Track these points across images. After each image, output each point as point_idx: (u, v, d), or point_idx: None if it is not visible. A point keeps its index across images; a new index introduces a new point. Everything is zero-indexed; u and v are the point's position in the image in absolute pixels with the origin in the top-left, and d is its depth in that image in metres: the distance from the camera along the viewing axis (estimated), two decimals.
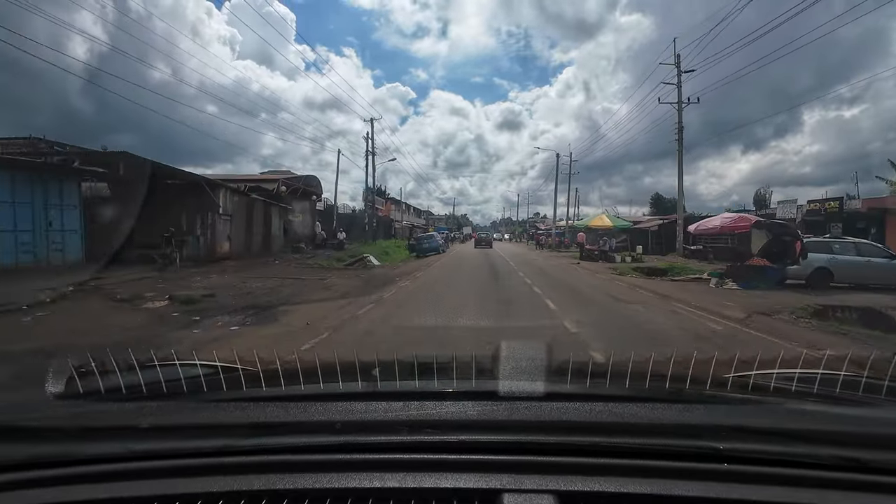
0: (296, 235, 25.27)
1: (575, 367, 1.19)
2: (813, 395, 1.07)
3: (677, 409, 0.95)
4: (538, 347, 1.33)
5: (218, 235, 17.13)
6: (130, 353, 1.22)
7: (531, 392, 0.98)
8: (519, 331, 6.40)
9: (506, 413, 0.91)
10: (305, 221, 27.63)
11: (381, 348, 4.71)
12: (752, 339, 6.10)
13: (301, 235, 26.03)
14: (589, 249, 24.34)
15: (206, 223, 16.83)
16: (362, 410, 0.94)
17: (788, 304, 8.79)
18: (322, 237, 27.63)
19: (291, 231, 24.97)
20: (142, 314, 7.34)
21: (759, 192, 45.67)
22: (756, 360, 1.33)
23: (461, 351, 1.39)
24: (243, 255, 18.51)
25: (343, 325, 6.54)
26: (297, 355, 1.56)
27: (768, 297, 9.93)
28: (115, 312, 7.46)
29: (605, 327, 6.68)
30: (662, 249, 26.35)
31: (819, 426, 0.89)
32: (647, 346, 5.40)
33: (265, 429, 0.88)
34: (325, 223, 30.61)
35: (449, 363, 1.24)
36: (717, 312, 7.98)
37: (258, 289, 10.35)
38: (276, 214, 22.56)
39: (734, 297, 10.26)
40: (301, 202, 26.96)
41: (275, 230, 22.42)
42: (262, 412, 0.94)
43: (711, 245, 25.13)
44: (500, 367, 1.14)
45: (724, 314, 7.83)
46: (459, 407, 0.92)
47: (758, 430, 0.87)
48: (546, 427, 0.86)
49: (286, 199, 24.06)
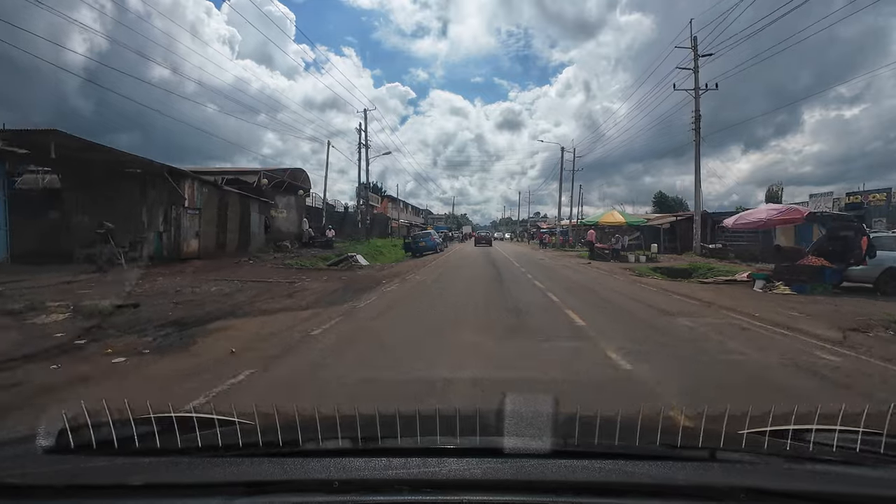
0: (279, 233, 22.81)
1: (582, 421, 1.11)
2: (832, 454, 1.01)
3: (691, 468, 0.92)
4: (545, 400, 1.29)
5: (184, 232, 15.07)
6: (126, 405, 1.15)
7: (537, 449, 0.95)
8: (541, 369, 4.11)
9: (511, 472, 0.88)
10: (291, 218, 25.07)
11: (324, 403, 2.70)
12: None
13: (286, 233, 23.59)
14: (599, 248, 22.45)
15: (170, 218, 14.75)
16: (362, 468, 0.91)
17: (871, 314, 7.29)
18: (309, 235, 24.94)
19: (274, 228, 22.44)
20: (14, 333, 5.31)
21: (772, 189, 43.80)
22: (770, 415, 1.20)
23: (462, 402, 1.37)
24: (215, 254, 16.39)
25: (285, 355, 4.49)
26: (295, 407, 1.26)
27: (839, 305, 8.29)
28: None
29: (665, 358, 4.53)
30: (677, 248, 24.37)
31: (842, 488, 0.86)
32: (757, 395, 3.40)
33: (260, 487, 0.86)
34: (314, 220, 28.25)
35: (452, 417, 1.13)
36: (800, 329, 6.10)
37: (206, 295, 8.33)
38: (256, 209, 20.01)
39: (793, 304, 8.39)
40: (286, 197, 24.52)
41: (254, 227, 19.87)
42: (258, 469, 0.93)
43: (732, 243, 22.98)
44: (506, 422, 1.09)
45: (811, 332, 5.92)
46: (462, 465, 0.90)
47: (777, 493, 0.83)
48: (553, 487, 0.83)
49: (268, 193, 21.62)
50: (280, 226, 23.47)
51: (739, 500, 0.78)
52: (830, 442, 1.04)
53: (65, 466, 0.94)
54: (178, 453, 1.00)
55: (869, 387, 3.77)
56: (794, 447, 1.06)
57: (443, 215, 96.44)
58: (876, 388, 3.76)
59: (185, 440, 1.03)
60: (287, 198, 24.68)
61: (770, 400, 2.98)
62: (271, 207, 22.01)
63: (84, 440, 0.99)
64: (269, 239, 21.00)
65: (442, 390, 3.42)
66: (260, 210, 20.57)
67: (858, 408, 1.27)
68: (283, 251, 20.16)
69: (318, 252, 20.56)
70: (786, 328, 6.13)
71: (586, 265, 18.36)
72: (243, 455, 1.00)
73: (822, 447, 1.04)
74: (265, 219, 20.92)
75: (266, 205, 21.16)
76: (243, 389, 3.46)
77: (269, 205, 21.51)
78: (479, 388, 3.47)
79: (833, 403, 1.44)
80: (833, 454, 1.00)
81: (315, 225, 26.90)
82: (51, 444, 0.99)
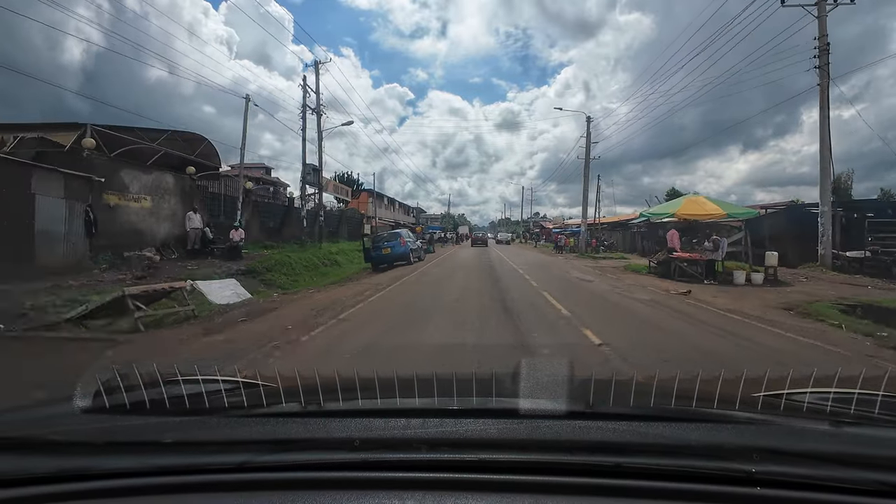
0: (134, 235, 13.21)
1: (598, 384, 1.14)
2: (849, 416, 1.01)
3: (704, 429, 0.91)
4: (560, 364, 1.29)
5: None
6: (155, 368, 1.21)
7: (553, 410, 0.96)
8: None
9: (527, 432, 0.89)
10: (163, 209, 14.64)
11: None
12: None
13: (153, 234, 14.03)
14: (681, 260, 13.15)
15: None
16: (381, 427, 0.92)
17: None
18: (201, 237, 15.16)
19: (118, 225, 12.63)
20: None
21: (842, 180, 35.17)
22: (788, 379, 1.20)
23: (481, 368, 1.40)
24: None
25: None
26: (316, 371, 1.29)
27: None
28: None
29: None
30: (787, 256, 14.13)
31: (858, 449, 0.86)
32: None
33: (285, 445, 0.88)
34: (227, 214, 18.40)
35: (469, 380, 1.18)
36: None
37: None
38: (56, 190, 10.47)
39: None
40: (152, 175, 14.35)
41: (45, 223, 10.10)
42: (282, 428, 0.95)
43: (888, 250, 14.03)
44: (521, 385, 1.12)
45: None
46: (479, 425, 0.90)
47: (791, 453, 0.82)
48: (568, 447, 0.84)
49: (99, 164, 12.08)
50: (139, 221, 13.58)
51: (752, 460, 0.78)
52: (849, 406, 1.03)
53: (102, 425, 0.99)
54: (206, 413, 1.06)
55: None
56: (810, 409, 1.06)
57: (438, 215, 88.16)
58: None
59: (212, 401, 1.09)
60: (155, 177, 14.41)
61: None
62: (104, 189, 12.04)
63: (118, 401, 1.04)
64: (100, 245, 11.49)
65: None
66: (71, 192, 10.80)
67: (880, 371, 1.24)
68: (113, 268, 11.22)
69: (195, 268, 11.78)
70: None
71: (672, 293, 10.09)
72: (268, 415, 1.04)
73: (839, 410, 1.03)
74: (87, 208, 11.04)
75: (86, 184, 11.20)
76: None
77: (92, 183, 11.35)
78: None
79: (856, 369, 1.23)
80: (850, 417, 1.00)
81: (229, 222, 17.20)
82: (87, 404, 1.05)
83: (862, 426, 0.98)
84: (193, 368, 1.18)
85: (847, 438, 0.92)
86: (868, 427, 0.99)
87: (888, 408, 1.03)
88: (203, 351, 5.43)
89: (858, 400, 1.06)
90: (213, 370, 1.40)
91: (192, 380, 1.18)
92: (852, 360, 4.88)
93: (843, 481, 0.75)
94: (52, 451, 0.89)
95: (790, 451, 0.82)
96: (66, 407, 1.06)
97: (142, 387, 1.11)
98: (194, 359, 5.01)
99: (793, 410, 1.07)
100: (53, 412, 1.12)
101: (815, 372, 1.21)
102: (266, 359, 4.89)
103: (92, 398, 1.06)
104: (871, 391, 1.09)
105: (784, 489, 0.74)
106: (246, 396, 1.13)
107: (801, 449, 0.84)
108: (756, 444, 0.83)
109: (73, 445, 0.92)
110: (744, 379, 1.16)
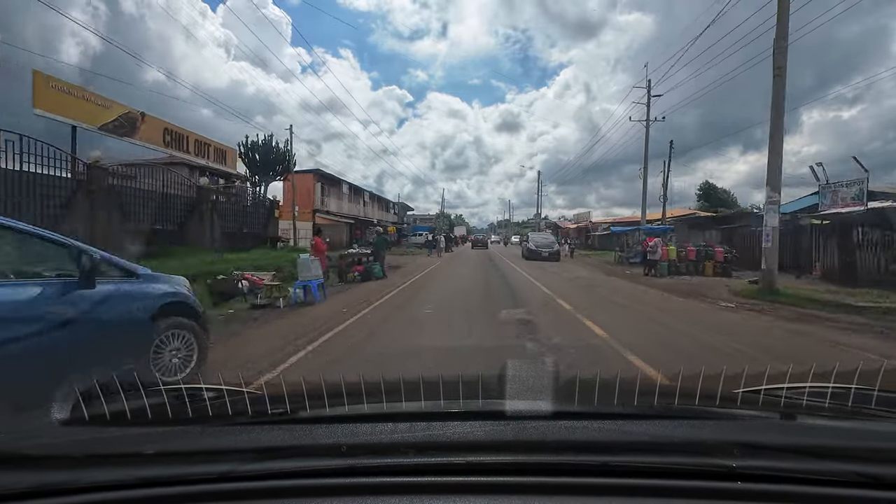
0: None
1: (582, 384, 1.13)
2: (825, 410, 1.05)
3: (687, 426, 0.94)
4: (545, 364, 1.38)
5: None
6: (136, 378, 1.20)
7: (538, 411, 0.97)
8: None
9: (513, 433, 0.90)
10: None
11: None
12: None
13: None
14: None
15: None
16: (368, 433, 0.92)
17: None
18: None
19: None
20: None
21: None
22: (765, 375, 1.26)
23: (467, 371, 1.30)
24: None
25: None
26: (302, 378, 1.27)
27: None
28: None
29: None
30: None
31: (835, 442, 0.88)
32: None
33: (270, 453, 0.87)
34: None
35: (455, 383, 1.18)
36: None
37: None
38: None
39: None
40: None
41: None
42: (268, 436, 0.95)
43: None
44: (508, 386, 1.12)
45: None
46: (466, 427, 0.90)
47: (771, 447, 0.84)
48: (554, 447, 0.85)
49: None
50: None
51: (733, 455, 0.79)
52: (824, 399, 1.07)
53: (81, 437, 0.98)
54: (189, 422, 1.05)
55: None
56: (787, 404, 1.10)
57: (431, 215, 77.27)
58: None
59: (195, 410, 1.07)
60: None
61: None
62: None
63: (98, 412, 1.02)
64: None
65: None
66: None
67: (852, 366, 1.28)
68: None
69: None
70: None
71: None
72: (253, 423, 1.02)
73: (815, 404, 1.07)
74: None
75: None
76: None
77: None
78: None
79: (830, 364, 1.33)
80: (825, 410, 1.04)
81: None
82: (66, 416, 1.03)
83: (838, 419, 1.01)
84: (177, 379, 1.11)
85: (824, 431, 0.94)
86: (843, 420, 1.02)
87: (861, 400, 1.06)
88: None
89: (833, 394, 1.09)
90: (199, 378, 1.35)
91: (175, 388, 1.17)
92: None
93: (822, 473, 0.77)
94: (31, 465, 0.87)
95: (769, 446, 0.84)
96: (44, 419, 1.04)
97: (122, 397, 1.09)
98: None
99: (771, 405, 1.10)
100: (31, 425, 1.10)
101: (790, 368, 1.26)
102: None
103: (71, 410, 1.04)
104: (844, 385, 1.13)
105: (764, 483, 0.76)
106: (230, 404, 1.12)
107: (780, 443, 0.86)
108: (736, 440, 0.85)
109: (53, 459, 0.90)
110: (724, 376, 1.18)
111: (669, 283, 13.24)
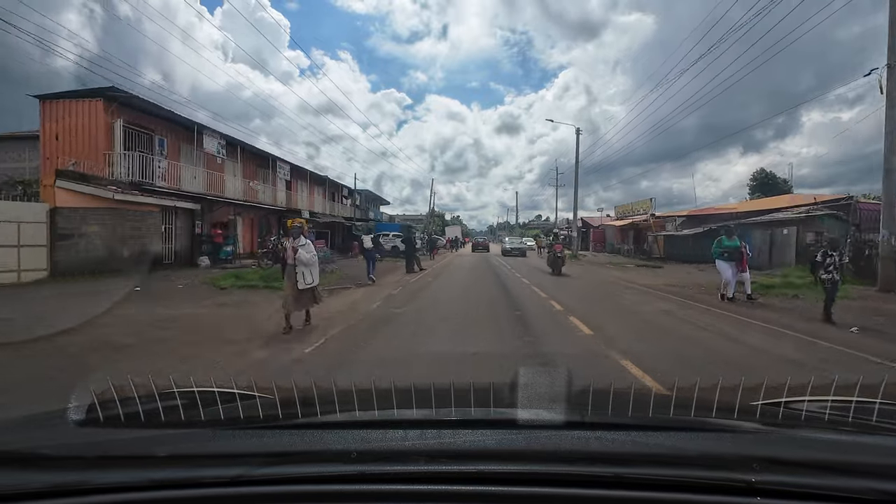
0: None
1: (596, 394, 1.12)
2: (848, 425, 1.02)
3: (704, 439, 0.92)
4: (558, 373, 1.29)
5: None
6: (150, 380, 1.21)
7: (551, 421, 0.96)
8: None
9: (525, 442, 0.89)
10: None
11: None
12: None
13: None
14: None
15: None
16: (379, 439, 0.93)
17: None
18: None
19: None
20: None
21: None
22: (786, 387, 1.23)
23: (479, 379, 1.23)
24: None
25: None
26: (313, 382, 1.24)
27: None
28: None
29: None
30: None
31: (857, 458, 0.86)
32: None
33: (280, 458, 0.88)
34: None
35: (467, 391, 1.16)
36: None
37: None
38: None
39: None
40: None
41: None
42: (279, 441, 0.95)
43: None
44: (519, 395, 1.11)
45: None
46: (477, 436, 0.91)
47: (791, 462, 0.82)
48: (566, 457, 0.84)
49: None
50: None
51: (752, 470, 0.78)
52: (846, 413, 1.04)
53: (95, 439, 0.99)
54: (201, 426, 1.05)
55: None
56: (808, 417, 1.06)
57: (420, 215, 63.83)
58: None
59: (207, 413, 1.08)
60: None
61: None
62: None
63: (112, 414, 1.04)
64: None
65: None
66: None
67: (877, 379, 1.25)
68: None
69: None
70: None
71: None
72: (264, 427, 1.03)
73: (837, 418, 1.04)
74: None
75: None
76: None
77: None
78: None
79: (853, 376, 1.30)
80: (848, 425, 1.01)
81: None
82: (81, 417, 1.05)
83: (861, 434, 0.98)
84: (190, 381, 1.18)
85: (846, 447, 0.92)
86: (867, 435, 0.98)
87: (886, 416, 1.03)
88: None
89: (856, 408, 1.06)
90: (212, 381, 1.45)
91: (188, 392, 1.18)
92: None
93: (843, 490, 0.75)
94: (45, 465, 0.89)
95: (790, 461, 0.82)
96: (60, 420, 1.05)
97: (136, 399, 1.10)
98: None
99: (792, 419, 1.07)
100: (47, 426, 1.11)
101: (812, 380, 1.22)
102: None
103: (86, 411, 1.05)
104: (868, 399, 1.09)
105: (784, 499, 0.74)
106: (242, 408, 1.13)
107: (801, 458, 0.84)
108: (756, 454, 0.83)
109: (67, 459, 0.91)
110: (742, 387, 1.15)
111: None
